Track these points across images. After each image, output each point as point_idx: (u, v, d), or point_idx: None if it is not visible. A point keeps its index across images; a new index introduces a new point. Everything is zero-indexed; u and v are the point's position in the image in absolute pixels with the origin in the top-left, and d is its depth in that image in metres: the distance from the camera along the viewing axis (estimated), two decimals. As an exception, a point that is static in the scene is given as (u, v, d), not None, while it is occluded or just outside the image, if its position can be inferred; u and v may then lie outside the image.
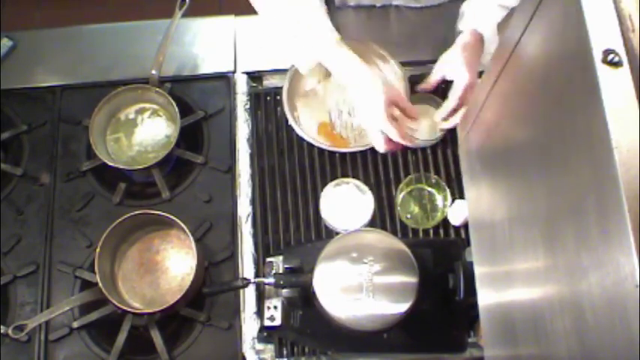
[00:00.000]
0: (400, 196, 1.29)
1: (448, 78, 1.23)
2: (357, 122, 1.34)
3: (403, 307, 1.03)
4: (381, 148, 1.15)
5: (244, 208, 1.31)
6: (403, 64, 1.37)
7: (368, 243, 1.08)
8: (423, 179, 1.30)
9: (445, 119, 1.23)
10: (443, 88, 1.40)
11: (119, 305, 1.16)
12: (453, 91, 1.21)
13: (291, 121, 1.28)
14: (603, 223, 0.49)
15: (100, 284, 1.16)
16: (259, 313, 1.22)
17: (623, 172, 0.47)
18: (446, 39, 1.39)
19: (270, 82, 1.45)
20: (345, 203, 1.27)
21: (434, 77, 1.26)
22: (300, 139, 1.32)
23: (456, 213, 1.24)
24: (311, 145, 1.33)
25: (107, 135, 1.38)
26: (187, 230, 1.20)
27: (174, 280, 1.26)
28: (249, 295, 1.24)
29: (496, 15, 1.19)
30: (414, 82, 1.39)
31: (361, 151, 1.33)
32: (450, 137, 1.33)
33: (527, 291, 0.69)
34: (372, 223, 1.27)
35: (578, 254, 0.54)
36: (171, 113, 1.36)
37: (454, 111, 1.21)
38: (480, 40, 1.21)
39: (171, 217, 1.21)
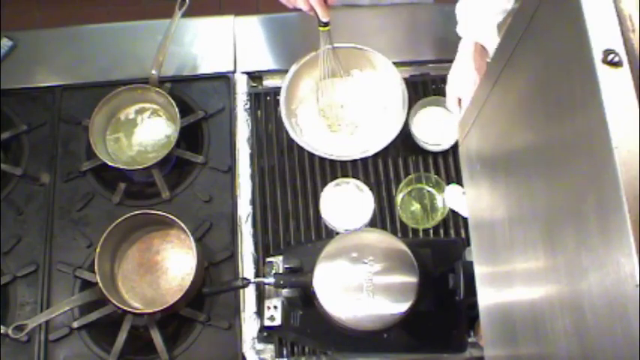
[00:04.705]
0: (400, 196, 1.29)
1: (463, 97, 1.20)
2: (349, 117, 1.37)
3: (403, 307, 1.03)
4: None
5: (244, 208, 1.31)
6: (403, 64, 1.38)
7: (368, 243, 1.08)
8: (423, 179, 1.30)
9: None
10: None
11: (119, 305, 1.16)
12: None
13: (289, 129, 1.28)
14: (603, 223, 0.49)
15: (100, 284, 1.16)
16: (259, 313, 1.22)
17: (623, 172, 0.47)
18: (446, 38, 1.39)
19: (270, 82, 1.45)
20: (345, 203, 1.27)
21: (452, 102, 1.23)
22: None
23: (451, 196, 1.25)
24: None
25: (107, 135, 1.38)
26: (187, 230, 1.20)
27: (175, 280, 1.26)
28: (249, 295, 1.24)
29: (495, 20, 1.16)
30: (414, 82, 1.40)
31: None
32: (450, 137, 1.33)
33: (528, 291, 0.69)
34: (372, 223, 1.27)
35: (578, 254, 0.54)
36: (171, 113, 1.36)
37: None
38: (483, 49, 1.19)
39: (171, 217, 1.21)
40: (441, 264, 1.13)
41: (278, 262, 1.17)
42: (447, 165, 1.33)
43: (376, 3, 1.49)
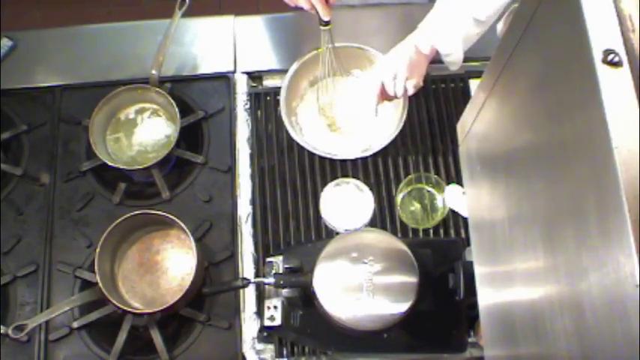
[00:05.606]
0: (400, 196, 1.29)
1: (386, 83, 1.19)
2: (349, 116, 1.37)
3: (403, 307, 1.03)
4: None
5: (244, 208, 1.31)
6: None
7: (368, 243, 1.08)
8: (423, 179, 1.30)
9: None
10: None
11: (119, 305, 1.16)
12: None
13: (289, 128, 1.29)
14: (603, 223, 0.49)
15: (100, 284, 1.16)
16: (259, 313, 1.22)
17: (623, 172, 0.47)
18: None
19: (270, 82, 1.45)
20: (345, 203, 1.27)
21: (372, 88, 1.21)
22: (300, 139, 1.33)
23: (451, 196, 1.25)
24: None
25: (107, 135, 1.38)
26: (187, 230, 1.20)
27: (175, 280, 1.26)
28: (249, 295, 1.24)
29: (466, 30, 1.13)
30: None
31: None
32: (450, 137, 1.33)
33: (527, 291, 0.69)
34: (372, 223, 1.27)
35: (578, 254, 0.54)
36: (171, 113, 1.36)
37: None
38: (429, 56, 1.17)
39: (171, 217, 1.21)
40: (441, 264, 1.13)
41: (278, 262, 1.17)
42: (447, 165, 1.33)
43: (377, 3, 1.49)
